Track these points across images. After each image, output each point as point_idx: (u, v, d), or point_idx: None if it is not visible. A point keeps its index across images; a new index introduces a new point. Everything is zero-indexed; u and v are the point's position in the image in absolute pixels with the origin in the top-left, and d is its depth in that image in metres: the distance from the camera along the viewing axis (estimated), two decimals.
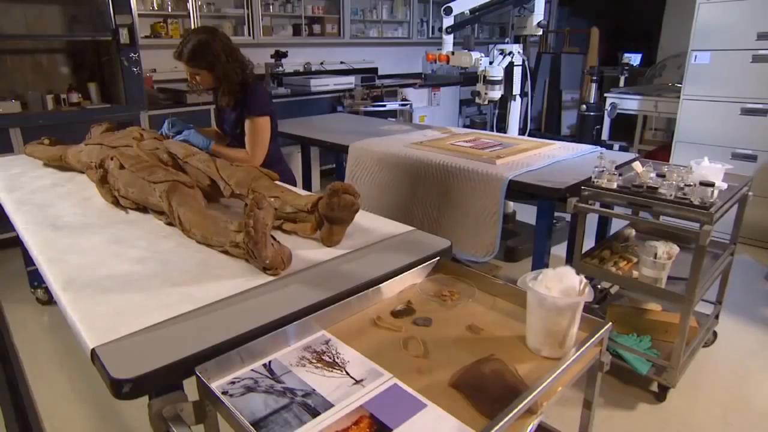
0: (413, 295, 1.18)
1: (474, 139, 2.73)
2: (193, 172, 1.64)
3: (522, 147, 2.49)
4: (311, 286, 1.11)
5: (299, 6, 5.08)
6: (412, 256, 1.25)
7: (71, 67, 3.78)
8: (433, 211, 2.34)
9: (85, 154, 1.97)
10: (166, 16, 4.25)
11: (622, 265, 2.02)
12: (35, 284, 2.71)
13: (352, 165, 2.66)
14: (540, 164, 2.22)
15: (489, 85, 2.64)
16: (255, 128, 1.97)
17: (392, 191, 2.49)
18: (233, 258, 1.24)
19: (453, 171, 2.22)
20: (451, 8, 2.88)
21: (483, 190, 2.12)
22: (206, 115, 4.10)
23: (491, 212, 2.10)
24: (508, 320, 1.08)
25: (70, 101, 3.57)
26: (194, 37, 1.89)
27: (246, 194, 1.51)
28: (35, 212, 1.60)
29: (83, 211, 1.61)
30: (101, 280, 1.13)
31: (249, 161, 1.99)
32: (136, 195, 1.52)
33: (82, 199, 1.74)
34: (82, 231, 1.44)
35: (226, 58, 1.89)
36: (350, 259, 1.24)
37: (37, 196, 1.77)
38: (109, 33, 3.46)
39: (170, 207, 1.37)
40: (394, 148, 2.55)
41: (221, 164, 1.63)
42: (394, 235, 1.39)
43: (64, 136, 3.35)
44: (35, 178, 2.01)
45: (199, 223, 1.29)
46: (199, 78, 1.94)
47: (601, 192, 1.86)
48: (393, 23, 6.16)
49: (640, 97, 4.42)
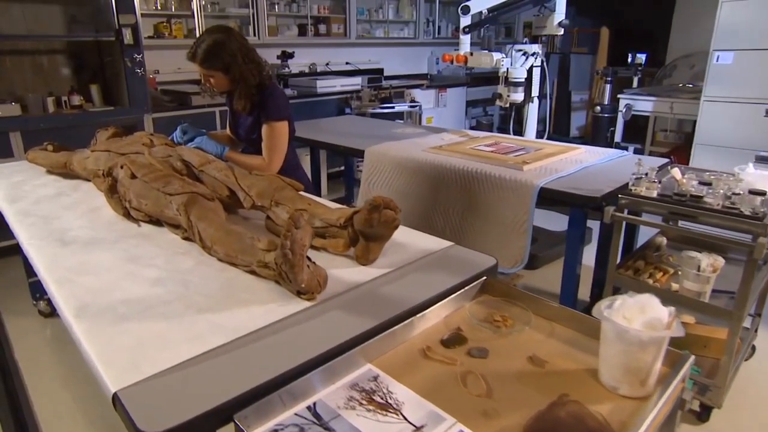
0: (462, 320, 1.07)
1: (494, 143, 2.63)
2: (209, 181, 1.53)
3: (547, 151, 2.39)
4: (351, 313, 1.00)
5: (305, 6, 4.97)
6: (456, 276, 1.15)
7: (72, 69, 3.66)
8: (455, 219, 2.23)
9: (91, 161, 1.85)
10: (170, 16, 4.13)
11: (658, 276, 1.92)
12: (37, 296, 2.59)
13: (368, 170, 2.55)
14: (569, 170, 2.11)
15: (511, 87, 2.53)
16: (273, 133, 1.85)
17: (411, 198, 2.38)
18: (260, 278, 1.13)
19: (478, 177, 2.11)
20: (468, 7, 2.77)
21: (511, 198, 2.01)
22: (211, 118, 3.99)
23: (520, 221, 1.99)
24: (572, 350, 0.97)
25: (71, 104, 3.45)
26: (209, 37, 1.78)
27: (268, 206, 1.40)
28: (40, 225, 1.49)
29: (92, 224, 1.50)
30: (117, 306, 1.02)
31: (266, 168, 1.88)
32: (149, 207, 1.41)
33: (90, 210, 1.63)
34: (92, 247, 1.33)
35: (242, 58, 1.78)
36: (389, 280, 1.13)
37: (42, 207, 1.65)
38: (112, 33, 3.34)
39: (189, 222, 1.26)
40: (413, 152, 2.44)
41: (240, 173, 1.52)
42: (433, 252, 1.28)
43: (66, 139, 3.23)
44: (38, 187, 1.90)
45: (222, 239, 1.18)
46: (213, 80, 1.82)
47: (640, 201, 1.75)
48: (399, 23, 6.06)
49: (655, 98, 4.32)
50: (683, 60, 5.69)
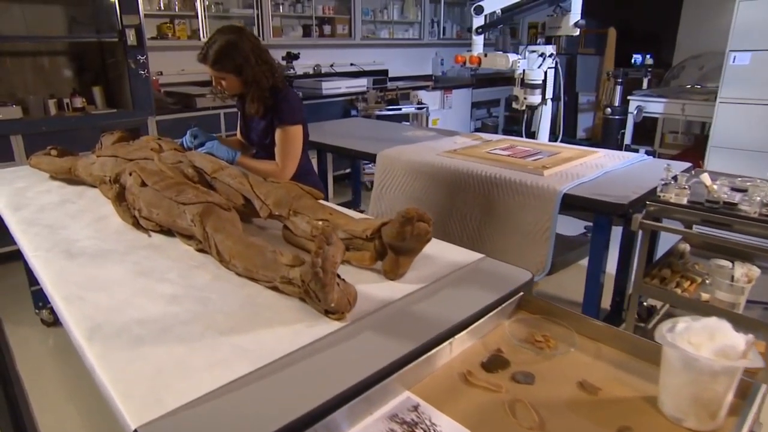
0: (501, 340, 1.00)
1: (509, 146, 2.56)
2: (223, 189, 1.46)
3: (565, 155, 2.32)
4: (385, 335, 0.92)
5: (309, 6, 4.90)
6: (492, 292, 1.07)
7: (74, 70, 3.59)
8: (473, 225, 2.16)
9: (97, 167, 1.78)
10: (173, 17, 4.06)
11: (686, 285, 1.85)
12: (40, 305, 2.51)
13: (381, 174, 2.48)
14: (591, 175, 2.04)
15: (529, 89, 2.46)
16: (287, 138, 1.78)
17: (426, 203, 2.31)
18: (283, 295, 1.05)
19: (497, 182, 2.04)
20: (482, 7, 2.70)
21: (533, 204, 1.94)
22: (216, 120, 3.92)
23: (542, 228, 1.92)
24: (624, 375, 0.90)
25: (73, 106, 3.38)
26: (220, 38, 1.71)
27: (286, 215, 1.33)
28: (46, 235, 1.41)
29: (100, 234, 1.42)
30: (132, 327, 0.94)
31: (279, 174, 1.81)
32: (161, 217, 1.33)
33: (97, 218, 1.55)
34: (102, 259, 1.25)
35: (255, 60, 1.71)
36: (421, 297, 1.06)
37: (46, 216, 1.58)
38: (115, 34, 3.27)
39: (205, 233, 1.19)
40: (427, 156, 2.37)
41: (255, 181, 1.44)
42: (463, 265, 1.21)
43: (68, 142, 3.15)
44: (42, 193, 1.82)
45: (242, 253, 1.10)
46: (225, 83, 1.75)
47: (670, 208, 1.68)
48: (404, 24, 5.99)
49: (666, 100, 4.26)
50: (692, 61, 5.62)
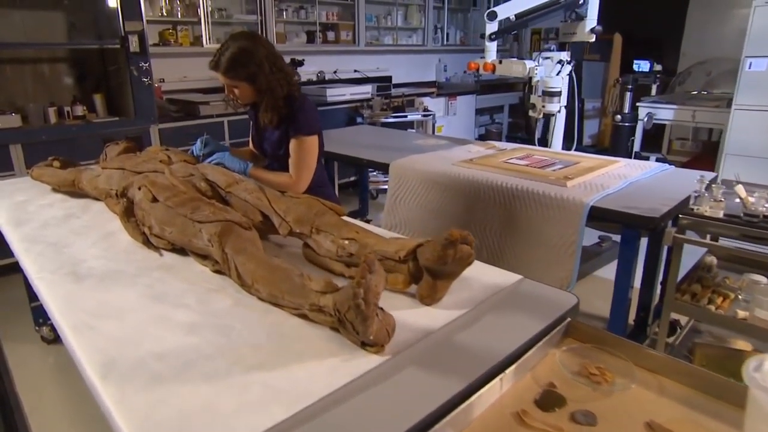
0: (552, 373, 0.91)
1: (525, 155, 2.49)
2: (238, 204, 1.37)
3: (586, 165, 2.24)
4: (429, 371, 0.84)
5: (313, 12, 4.84)
6: (537, 319, 0.99)
7: (75, 78, 3.50)
8: (493, 238, 2.08)
9: (103, 180, 1.70)
10: (175, 23, 3.99)
11: (719, 302, 1.77)
12: (40, 321, 2.42)
13: (394, 185, 2.40)
14: (615, 186, 1.97)
15: (547, 97, 2.39)
16: (303, 149, 1.70)
17: (443, 215, 2.23)
18: (311, 323, 0.97)
19: (518, 194, 1.97)
20: (495, 13, 2.64)
21: (558, 217, 1.86)
22: (220, 128, 3.84)
23: (568, 242, 1.84)
24: (695, 414, 0.82)
25: (74, 114, 3.29)
26: (233, 44, 1.62)
27: (308, 233, 1.24)
28: (50, 255, 1.33)
29: (108, 253, 1.34)
30: (150, 362, 0.86)
31: (293, 186, 1.73)
32: (175, 236, 1.25)
33: (104, 235, 1.47)
34: (111, 282, 1.17)
35: (269, 68, 1.63)
36: (462, 325, 0.98)
37: (50, 233, 1.49)
38: (117, 40, 3.19)
39: (224, 255, 1.10)
40: (442, 166, 2.29)
41: (273, 195, 1.36)
42: (502, 287, 1.12)
43: (69, 151, 3.07)
44: (44, 207, 1.74)
45: (266, 277, 1.02)
46: (238, 91, 1.67)
47: (705, 222, 1.61)
48: (407, 30, 5.94)
49: (676, 107, 4.20)
50: (699, 67, 5.58)
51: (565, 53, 2.77)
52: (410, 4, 5.83)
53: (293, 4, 4.72)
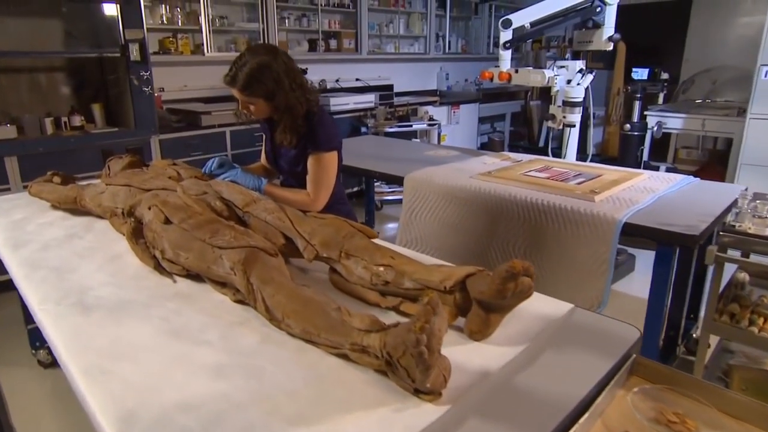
0: (624, 419, 0.81)
1: (544, 167, 2.40)
2: (257, 225, 1.27)
3: (610, 178, 2.16)
4: (496, 422, 0.74)
5: (315, 20, 4.76)
6: (602, 357, 0.90)
7: (72, 87, 3.39)
8: (516, 255, 1.98)
9: (107, 198, 1.59)
10: (176, 31, 3.89)
11: (760, 323, 1.68)
12: (37, 344, 2.29)
13: (410, 198, 2.30)
14: (645, 201, 1.88)
15: (568, 107, 2.31)
16: (322, 165, 1.60)
17: (462, 231, 2.14)
18: (352, 363, 0.87)
19: (545, 209, 1.88)
20: (510, 21, 2.56)
21: (588, 234, 1.77)
22: (221, 139, 3.73)
23: (600, 260, 1.75)
24: None
25: (71, 125, 3.18)
26: (252, 59, 1.50)
27: (336, 258, 1.14)
28: (53, 281, 1.22)
29: (116, 279, 1.23)
30: (174, 414, 0.75)
31: (311, 205, 1.62)
32: (191, 262, 1.14)
33: (110, 258, 1.36)
34: (122, 313, 1.06)
35: (289, 84, 1.51)
36: (521, 365, 0.88)
37: (52, 255, 1.38)
38: (118, 49, 3.09)
39: (249, 285, 1.00)
40: (460, 179, 2.20)
41: (295, 215, 1.26)
42: (552, 318, 1.03)
43: (67, 164, 2.95)
44: (44, 227, 1.62)
45: (298, 312, 0.92)
46: (253, 108, 1.57)
47: (750, 240, 1.52)
48: (409, 38, 5.88)
49: (685, 115, 4.15)
50: (703, 74, 5.55)
51: (581, 62, 2.70)
52: (412, 12, 5.78)
53: (295, 11, 4.64)
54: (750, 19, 5.47)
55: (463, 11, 6.48)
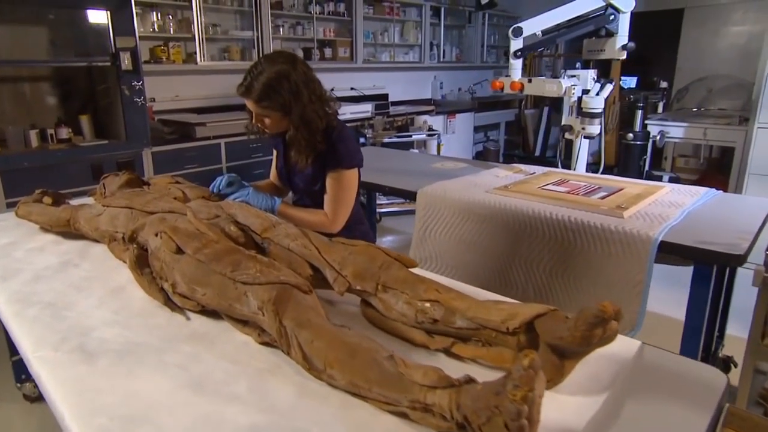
0: None
1: (560, 180, 2.31)
2: (279, 254, 1.14)
3: (632, 192, 2.07)
4: None
5: (309, 29, 4.65)
6: (691, 408, 0.79)
7: (59, 98, 3.22)
8: (541, 275, 1.88)
9: (105, 221, 1.45)
10: (167, 39, 3.75)
11: None
12: (23, 377, 2.11)
13: (423, 214, 2.19)
14: (675, 216, 1.79)
15: (588, 118, 2.23)
16: (342, 184, 1.47)
17: (480, 248, 2.03)
18: (412, 423, 0.75)
19: (574, 227, 1.78)
20: (521, 29, 2.48)
21: (620, 253, 1.67)
22: (216, 151, 3.59)
23: (633, 281, 1.65)
24: None
25: (58, 137, 3.01)
26: (269, 68, 1.37)
27: (372, 291, 1.02)
28: (48, 321, 1.07)
29: (120, 317, 1.09)
30: None
31: (329, 226, 1.50)
32: (210, 299, 1.01)
33: (112, 290, 1.22)
34: (133, 359, 0.92)
35: (308, 96, 1.38)
36: (606, 420, 0.76)
37: (44, 288, 1.23)
38: (108, 57, 2.94)
39: (281, 329, 0.87)
40: (476, 194, 2.09)
41: (321, 242, 1.14)
42: (624, 357, 0.91)
43: (54, 179, 2.79)
44: (34, 253, 1.47)
45: (343, 361, 0.79)
46: (268, 121, 1.43)
47: None
48: (403, 47, 5.80)
49: (686, 124, 4.12)
50: (697, 83, 5.56)
51: (592, 71, 2.63)
52: (407, 20, 5.71)
53: (290, 19, 4.53)
54: (741, 29, 5.51)
55: (457, 20, 6.43)
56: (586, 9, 2.50)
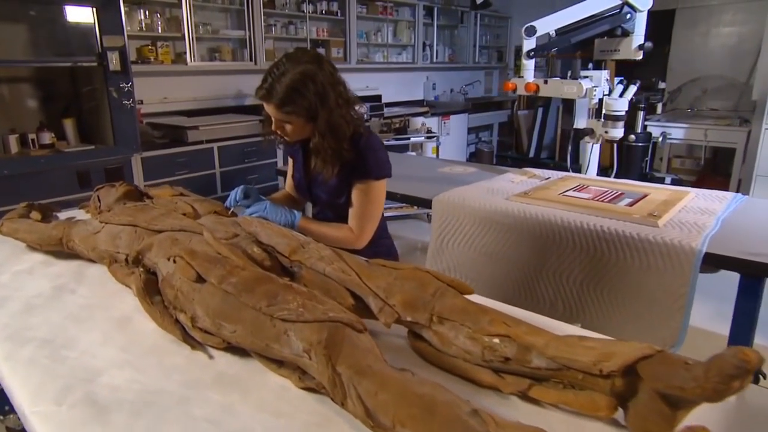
0: None
1: (580, 186, 2.21)
2: (313, 279, 1.01)
3: (658, 198, 1.98)
4: None
5: (302, 28, 4.50)
6: None
7: (40, 100, 3.02)
8: (571, 289, 1.77)
9: (104, 240, 1.29)
10: (155, 38, 3.57)
11: None
12: (6, 409, 1.93)
13: (440, 223, 2.07)
14: (711, 224, 1.70)
15: (611, 121, 2.13)
16: (370, 196, 1.33)
17: (503, 260, 1.92)
18: None
19: (606, 237, 1.67)
20: (534, 28, 2.38)
21: (660, 264, 1.57)
22: (209, 155, 3.42)
23: (675, 295, 1.56)
24: None
25: (40, 142, 2.82)
26: (293, 68, 1.21)
27: (427, 323, 0.89)
28: (46, 364, 0.92)
29: (131, 355, 0.94)
30: None
31: (355, 242, 1.36)
32: (241, 337, 0.87)
33: (117, 322, 1.07)
34: (153, 415, 0.78)
35: (335, 99, 1.24)
36: None
37: (38, 320, 1.08)
38: (94, 57, 2.76)
39: (335, 377, 0.73)
40: (497, 202, 1.98)
41: (360, 265, 1.01)
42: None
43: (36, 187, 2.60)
44: (22, 277, 1.31)
45: (418, 419, 0.66)
46: (290, 128, 1.28)
47: None
48: (396, 47, 5.68)
49: (687, 125, 4.08)
50: (690, 84, 5.56)
51: (605, 72, 2.54)
52: (399, 20, 5.59)
53: (282, 19, 4.37)
54: (731, 29, 5.52)
55: (450, 20, 6.34)
56: (601, 8, 2.41)
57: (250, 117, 3.58)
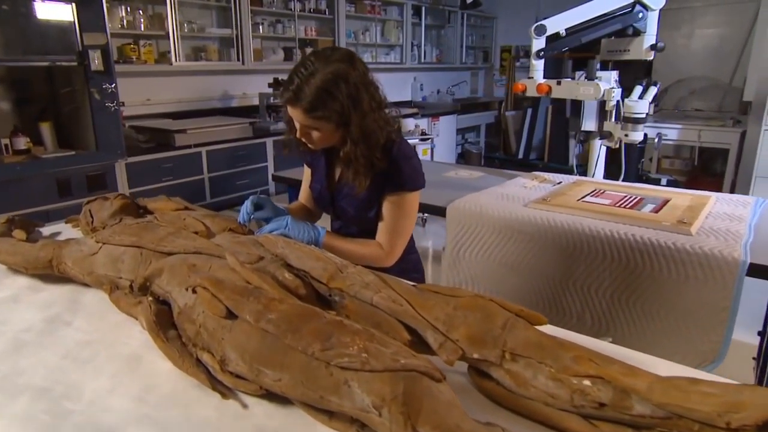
0: None
1: (596, 191, 2.13)
2: (357, 311, 0.88)
3: (680, 203, 1.91)
4: None
5: (290, 27, 4.35)
6: None
7: (13, 103, 2.81)
8: (600, 302, 1.68)
9: (103, 263, 1.14)
10: (138, 37, 3.37)
11: None
12: None
13: (455, 232, 1.96)
14: (745, 232, 1.63)
15: (630, 124, 2.05)
16: (405, 210, 1.21)
17: (525, 270, 1.82)
18: None
19: (638, 246, 1.59)
20: (544, 27, 2.29)
21: (700, 276, 1.49)
22: (197, 160, 3.25)
23: (716, 308, 1.48)
24: None
25: (14, 148, 2.62)
26: (324, 68, 1.07)
27: (497, 361, 0.78)
28: (46, 420, 0.77)
29: (150, 407, 0.80)
30: None
31: (384, 260, 1.24)
32: (288, 387, 0.73)
33: (126, 362, 0.92)
34: None
35: (369, 103, 1.10)
36: None
37: (31, 364, 0.92)
38: (74, 57, 2.56)
39: None
40: (515, 209, 1.88)
41: (410, 293, 0.88)
42: None
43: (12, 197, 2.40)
44: (8, 306, 1.15)
45: None
46: (317, 134, 1.14)
47: None
48: (384, 47, 5.56)
49: (680, 126, 4.08)
50: (675, 85, 5.59)
51: (614, 72, 2.47)
52: (387, 19, 5.48)
53: (269, 17, 4.21)
54: (714, 31, 5.58)
55: (437, 20, 6.25)
56: (612, 6, 2.34)
57: (240, 119, 3.42)
